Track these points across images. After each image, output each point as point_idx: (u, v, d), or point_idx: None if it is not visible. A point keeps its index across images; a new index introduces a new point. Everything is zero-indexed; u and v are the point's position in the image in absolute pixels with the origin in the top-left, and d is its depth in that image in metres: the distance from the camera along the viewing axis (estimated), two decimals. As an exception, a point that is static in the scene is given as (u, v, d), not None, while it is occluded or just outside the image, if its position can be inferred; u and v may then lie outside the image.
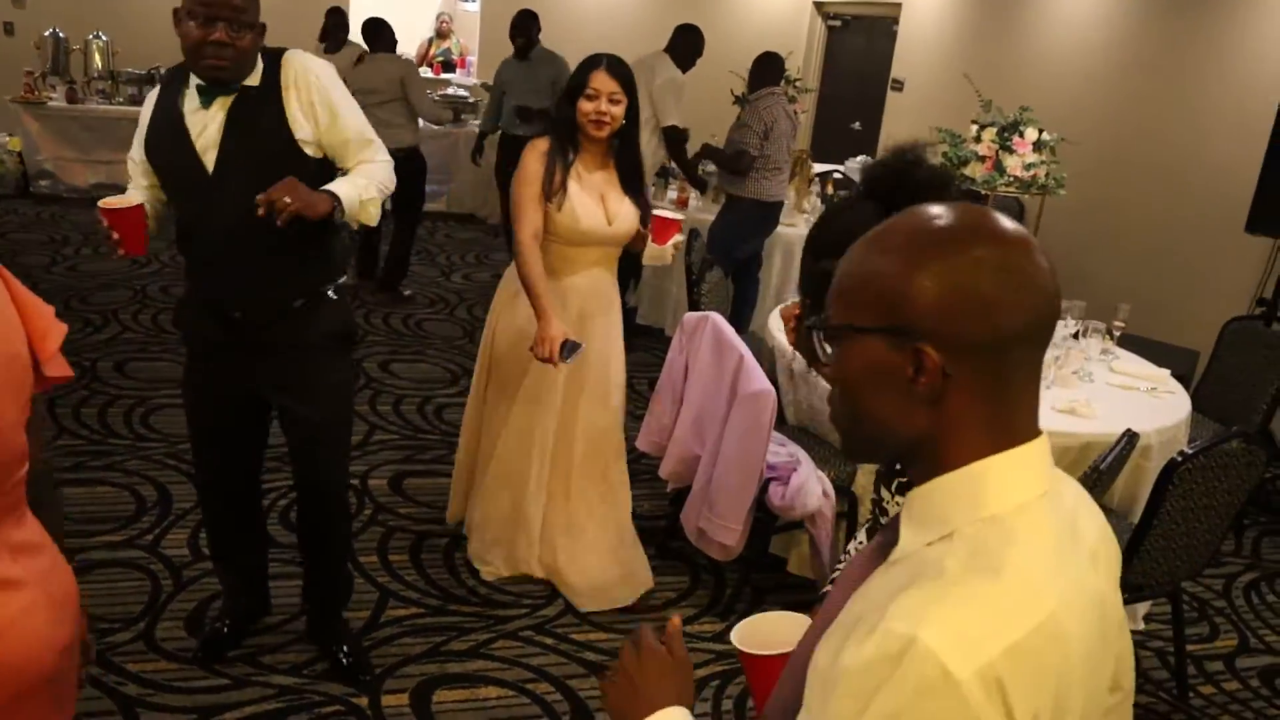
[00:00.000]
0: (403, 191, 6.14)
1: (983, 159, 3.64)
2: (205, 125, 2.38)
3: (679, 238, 3.15)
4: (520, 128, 6.32)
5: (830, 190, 6.32)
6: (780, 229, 5.72)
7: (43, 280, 5.95)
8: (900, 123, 8.49)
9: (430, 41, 11.02)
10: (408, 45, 10.66)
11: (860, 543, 1.72)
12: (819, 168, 7.16)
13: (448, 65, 10.70)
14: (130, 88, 7.93)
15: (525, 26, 6.38)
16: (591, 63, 3.00)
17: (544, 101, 6.23)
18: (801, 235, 5.83)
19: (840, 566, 2.38)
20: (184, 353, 2.71)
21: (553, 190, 2.99)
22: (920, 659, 0.81)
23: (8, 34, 8.77)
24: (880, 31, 9.22)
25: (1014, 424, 0.93)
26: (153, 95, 2.50)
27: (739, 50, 6.11)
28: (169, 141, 2.41)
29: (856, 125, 9.35)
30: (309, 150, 2.42)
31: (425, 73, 10.08)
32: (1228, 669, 3.35)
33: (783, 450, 3.26)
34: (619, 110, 2.97)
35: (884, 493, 1.95)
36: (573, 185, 3.02)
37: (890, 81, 8.76)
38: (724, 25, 9.89)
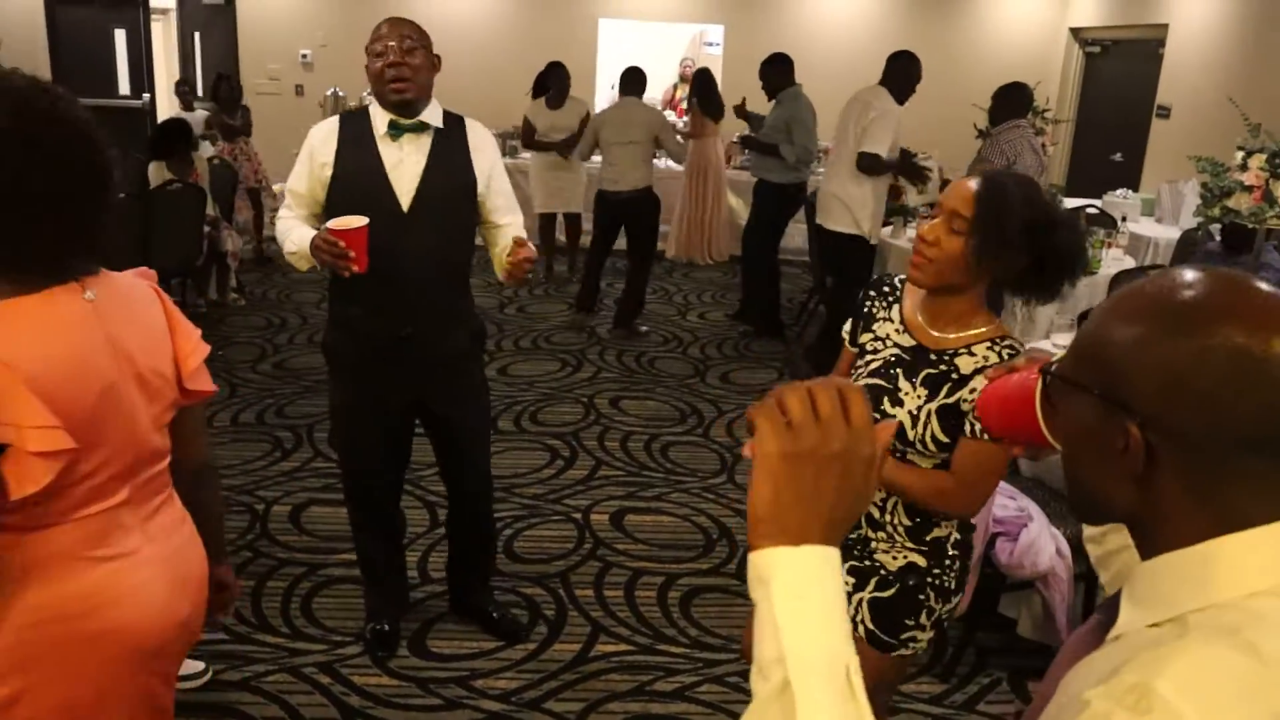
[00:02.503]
0: (639, 229, 6.35)
1: (1250, 189, 3.28)
2: (400, 161, 2.65)
3: None
4: (750, 162, 6.39)
5: (1083, 226, 5.91)
6: (1026, 268, 5.40)
7: (311, 315, 6.51)
8: (1166, 153, 7.86)
9: (675, 87, 11.28)
10: (654, 90, 10.98)
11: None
12: (1072, 202, 6.73)
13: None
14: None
15: (763, 70, 6.45)
16: None
17: (777, 139, 6.24)
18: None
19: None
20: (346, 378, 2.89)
21: None
22: (1161, 710, 0.72)
23: (298, 94, 9.76)
24: (1144, 55, 8.59)
25: (1237, 512, 0.82)
26: (321, 132, 2.71)
27: (989, 81, 5.84)
28: (363, 176, 2.64)
29: (1117, 156, 8.74)
30: (475, 200, 2.79)
31: (669, 115, 10.32)
32: None
33: (1012, 504, 3.05)
34: None
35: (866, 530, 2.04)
36: None
37: (1155, 108, 8.13)
38: (973, 55, 9.57)
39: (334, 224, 2.49)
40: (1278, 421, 0.79)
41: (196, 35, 9.83)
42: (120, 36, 9.55)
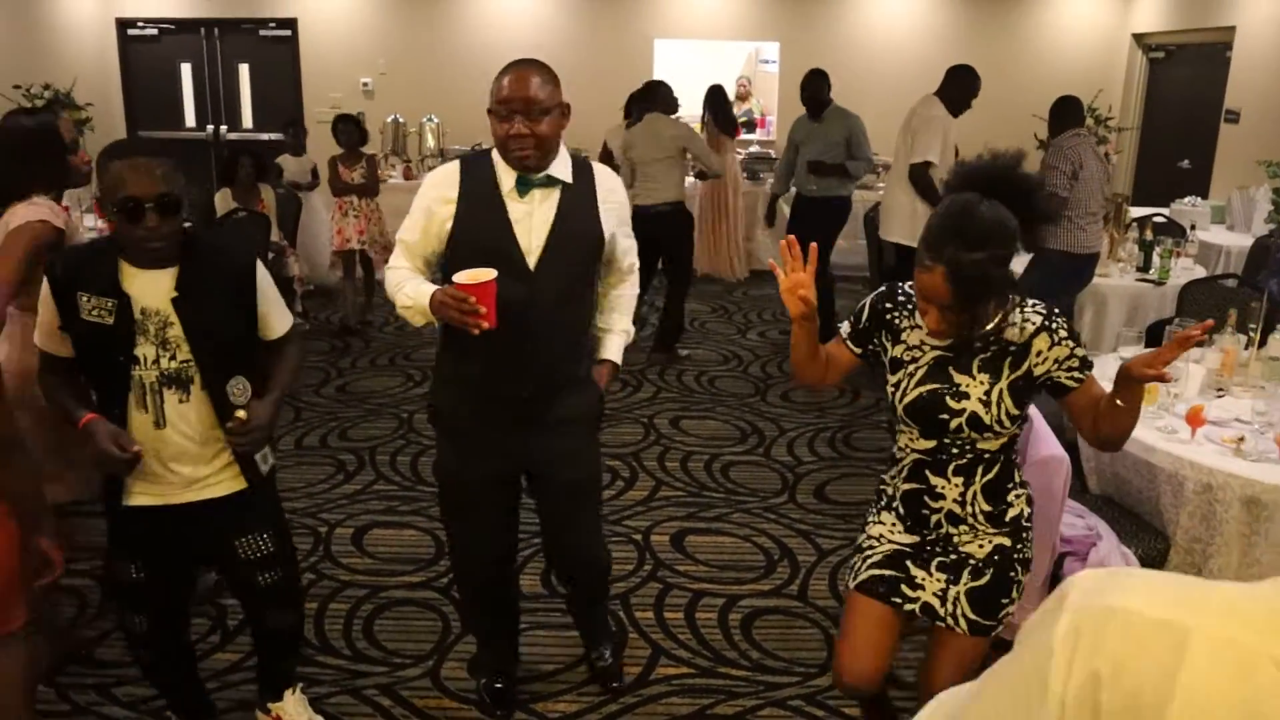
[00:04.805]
0: (674, 249, 6.26)
1: (1325, 195, 3.17)
2: (527, 214, 2.45)
3: None
4: (814, 184, 6.30)
5: (1150, 235, 5.76)
6: (1094, 280, 5.28)
7: (375, 338, 6.60)
8: (1236, 158, 7.65)
9: (731, 104, 11.28)
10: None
11: None
12: (1138, 211, 6.59)
13: (749, 126, 10.90)
14: (456, 163, 8.70)
15: (814, 85, 6.36)
16: None
17: (837, 158, 6.19)
18: (1116, 286, 5.38)
19: None
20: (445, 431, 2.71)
21: None
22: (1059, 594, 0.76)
23: (360, 122, 9.91)
24: (1210, 59, 8.38)
25: None
26: (440, 179, 2.50)
27: (1050, 90, 5.75)
28: (486, 231, 2.45)
29: (1185, 163, 8.53)
30: (599, 255, 2.62)
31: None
32: None
33: (1080, 522, 2.97)
34: None
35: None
36: None
37: (1224, 113, 7.93)
38: (1034, 65, 9.42)
39: (462, 278, 2.31)
40: None
41: (245, 68, 9.96)
42: (186, 70, 9.81)
